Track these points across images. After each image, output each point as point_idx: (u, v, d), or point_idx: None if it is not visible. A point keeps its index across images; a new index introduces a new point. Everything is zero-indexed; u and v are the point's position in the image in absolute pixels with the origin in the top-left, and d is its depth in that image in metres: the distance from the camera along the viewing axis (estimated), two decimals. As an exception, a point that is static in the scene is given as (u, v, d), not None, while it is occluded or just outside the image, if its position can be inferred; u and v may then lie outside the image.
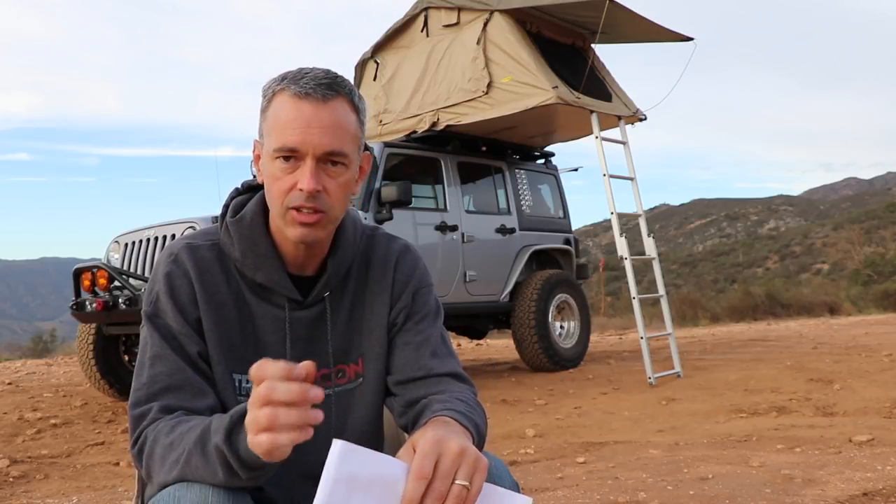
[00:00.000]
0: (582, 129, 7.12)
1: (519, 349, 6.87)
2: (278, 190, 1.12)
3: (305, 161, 1.10)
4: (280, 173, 1.11)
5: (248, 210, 1.21)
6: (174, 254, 1.19)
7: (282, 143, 1.10)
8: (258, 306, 1.19)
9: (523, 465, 3.59)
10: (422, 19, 6.99)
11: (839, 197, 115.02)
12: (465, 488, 0.89)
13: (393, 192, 5.72)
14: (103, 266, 5.28)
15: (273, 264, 1.18)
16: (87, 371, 5.67)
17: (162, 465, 1.02)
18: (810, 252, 57.25)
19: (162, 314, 1.15)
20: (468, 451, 0.91)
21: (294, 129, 1.09)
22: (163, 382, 1.10)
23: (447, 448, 0.90)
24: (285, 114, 1.10)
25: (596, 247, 61.16)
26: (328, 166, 1.12)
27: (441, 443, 0.91)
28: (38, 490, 3.41)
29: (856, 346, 8.04)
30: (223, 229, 1.21)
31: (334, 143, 1.11)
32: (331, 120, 1.11)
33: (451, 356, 1.25)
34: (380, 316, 1.25)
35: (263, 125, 1.15)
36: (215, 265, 1.19)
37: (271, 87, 1.14)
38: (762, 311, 17.77)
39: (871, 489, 2.78)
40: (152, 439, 1.04)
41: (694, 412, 4.86)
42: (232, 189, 1.28)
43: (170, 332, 1.13)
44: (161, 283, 1.16)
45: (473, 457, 0.91)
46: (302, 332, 1.20)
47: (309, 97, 1.10)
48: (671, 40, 7.16)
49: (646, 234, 6.69)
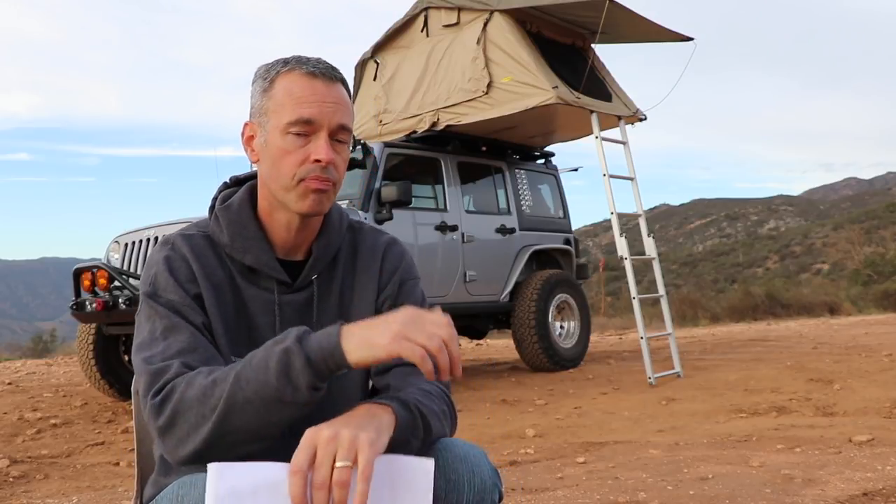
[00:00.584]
0: (582, 129, 7.12)
1: (519, 349, 6.87)
2: (290, 163, 1.16)
3: (319, 134, 1.16)
4: (292, 147, 1.15)
5: (236, 198, 1.25)
6: (169, 241, 1.22)
7: (298, 115, 1.15)
8: (248, 290, 1.21)
9: (523, 465, 3.59)
10: (422, 19, 6.99)
11: (839, 197, 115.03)
12: (346, 469, 0.90)
13: (393, 192, 5.72)
14: (103, 266, 5.28)
15: (261, 246, 1.21)
16: (87, 371, 5.67)
17: (202, 404, 1.01)
18: (810, 252, 57.24)
19: (162, 292, 1.15)
20: (341, 434, 0.92)
21: (311, 103, 1.15)
22: (178, 347, 1.10)
23: (319, 437, 0.92)
24: (299, 89, 1.16)
25: (596, 247, 61.16)
26: (335, 142, 1.18)
27: (314, 434, 0.93)
28: (38, 490, 3.42)
29: (856, 346, 8.04)
30: (213, 218, 1.25)
31: (345, 117, 1.18)
32: (340, 98, 1.18)
33: None
34: (367, 302, 1.28)
35: (267, 104, 1.18)
36: (209, 251, 1.22)
37: (274, 68, 1.19)
38: (762, 311, 17.77)
39: (871, 489, 2.79)
40: (185, 383, 1.03)
41: (694, 412, 4.86)
42: (220, 184, 1.32)
43: (173, 306, 1.14)
44: (160, 265, 1.18)
45: (349, 438, 0.92)
46: (291, 316, 1.22)
47: (322, 76, 1.17)
48: (671, 40, 7.17)
49: (646, 234, 6.69)
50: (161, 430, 1.04)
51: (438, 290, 6.19)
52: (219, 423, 1.00)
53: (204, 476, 0.97)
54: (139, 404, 1.36)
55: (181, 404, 1.02)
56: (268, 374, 0.99)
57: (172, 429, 1.03)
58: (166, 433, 1.04)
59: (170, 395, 1.04)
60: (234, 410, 1.00)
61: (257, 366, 1.01)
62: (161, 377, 1.06)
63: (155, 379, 1.07)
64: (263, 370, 1.00)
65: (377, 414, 1.00)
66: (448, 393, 1.22)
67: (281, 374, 0.99)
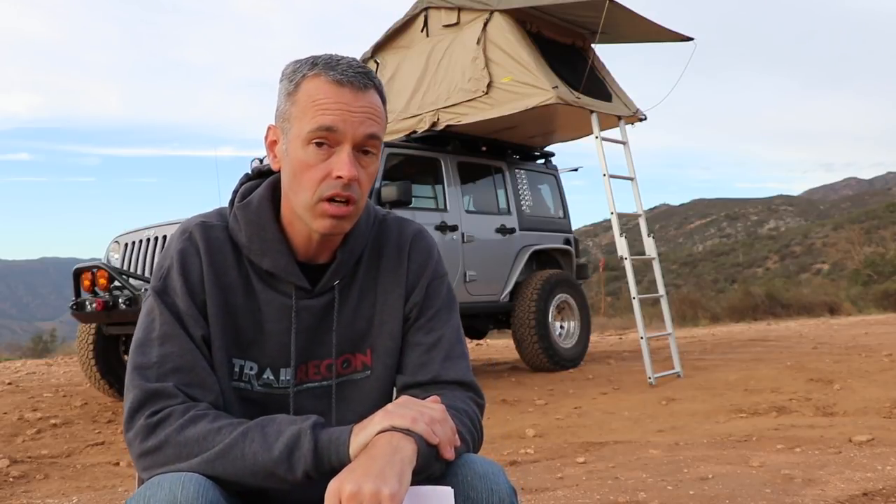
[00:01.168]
0: (582, 129, 7.12)
1: (519, 349, 6.87)
2: (311, 179, 1.10)
3: (342, 147, 1.10)
4: (314, 160, 1.10)
5: (256, 195, 1.20)
6: (188, 230, 1.18)
7: (319, 123, 1.08)
8: (264, 293, 1.18)
9: (523, 465, 3.59)
10: (422, 19, 6.99)
11: (839, 197, 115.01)
12: None
13: (393, 192, 5.72)
14: (103, 266, 5.28)
15: (280, 250, 1.17)
16: (87, 371, 5.67)
17: (198, 445, 1.02)
18: (810, 252, 57.24)
19: (171, 292, 1.14)
20: (363, 491, 0.92)
21: (335, 112, 1.08)
22: (173, 362, 1.09)
23: (342, 492, 0.93)
24: (324, 96, 1.09)
25: (596, 247, 61.16)
26: (361, 155, 1.12)
27: (337, 489, 0.93)
28: (38, 490, 3.41)
29: (856, 346, 8.03)
30: (231, 215, 1.20)
31: (373, 127, 1.11)
32: (370, 107, 1.11)
33: (462, 358, 1.23)
34: (394, 308, 1.23)
35: (291, 109, 1.12)
36: (227, 246, 1.18)
37: (301, 70, 1.12)
38: (762, 311, 17.77)
39: (871, 489, 2.79)
40: (188, 419, 1.04)
41: (694, 412, 4.86)
42: (242, 175, 1.27)
43: (177, 313, 1.12)
44: (174, 260, 1.15)
45: (371, 493, 0.92)
46: (309, 322, 1.19)
47: (350, 84, 1.10)
48: (671, 40, 7.16)
49: (646, 234, 6.69)
50: (144, 451, 1.05)
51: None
52: (205, 464, 1.01)
53: (171, 477, 0.98)
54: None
55: (179, 437, 1.03)
56: (273, 445, 1.01)
57: (157, 453, 1.04)
58: (148, 454, 1.04)
59: (165, 421, 1.05)
60: (225, 460, 1.01)
61: (267, 433, 1.02)
62: (158, 400, 1.06)
63: (151, 399, 1.07)
64: (273, 438, 1.01)
65: (399, 448, 0.98)
66: (479, 408, 1.20)
67: (285, 450, 1.00)
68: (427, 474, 1.03)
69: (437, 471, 1.04)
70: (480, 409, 1.20)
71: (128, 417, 1.07)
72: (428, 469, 1.02)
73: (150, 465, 1.04)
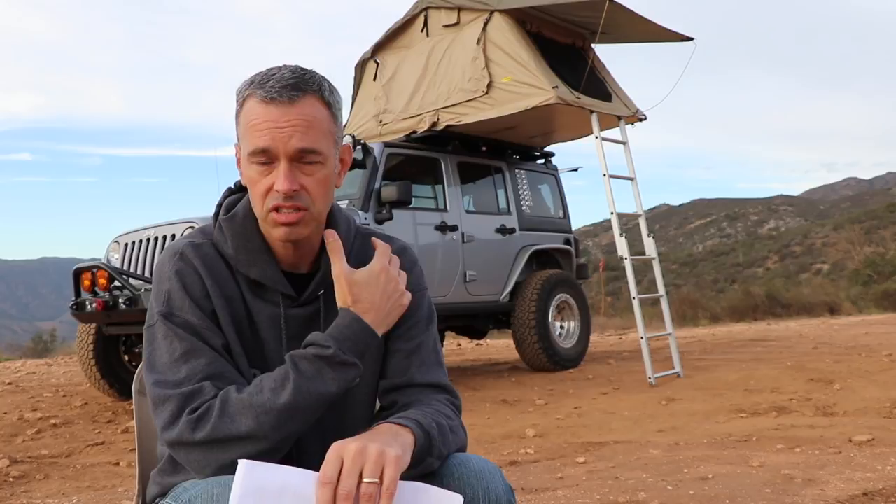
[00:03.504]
0: (582, 129, 7.12)
1: (519, 349, 6.87)
2: (257, 193, 1.14)
3: (280, 162, 1.12)
4: (257, 176, 1.13)
5: (240, 207, 1.22)
6: (179, 251, 1.19)
7: (254, 146, 1.12)
8: (254, 303, 1.20)
9: (523, 465, 3.59)
10: (422, 19, 6.99)
11: (839, 197, 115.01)
12: (373, 484, 0.93)
13: (393, 192, 5.72)
14: (103, 266, 5.28)
15: (265, 259, 1.19)
16: (87, 371, 5.67)
17: (251, 404, 1.06)
18: (810, 252, 57.23)
19: (179, 311, 1.13)
20: (368, 449, 0.94)
21: (263, 132, 1.11)
22: (203, 373, 1.10)
23: (346, 450, 0.95)
24: (255, 116, 1.12)
25: (596, 247, 61.12)
26: (303, 165, 1.13)
27: (341, 447, 0.96)
28: (38, 490, 3.42)
29: (856, 346, 8.03)
30: (216, 228, 1.22)
31: (304, 140, 1.11)
32: (299, 119, 1.11)
33: (438, 365, 1.26)
34: None
35: (238, 129, 1.17)
36: (219, 261, 1.19)
37: (242, 90, 1.15)
38: (762, 311, 17.78)
39: (871, 489, 2.79)
40: (223, 399, 1.06)
41: (694, 412, 4.86)
42: (225, 189, 1.29)
43: (193, 329, 1.12)
44: (172, 282, 1.15)
45: (375, 453, 0.94)
46: (297, 330, 1.20)
47: (276, 101, 1.10)
48: (671, 40, 7.16)
49: (646, 234, 6.69)
50: (198, 442, 1.05)
51: (438, 291, 6.19)
52: (292, 396, 1.07)
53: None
54: (140, 403, 1.35)
55: (224, 414, 1.06)
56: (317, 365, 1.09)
57: (218, 429, 1.05)
58: (203, 445, 1.05)
59: (207, 412, 1.06)
60: (299, 389, 1.07)
61: (301, 369, 1.09)
62: (194, 398, 1.07)
63: (188, 400, 1.07)
64: (311, 369, 1.09)
65: (399, 433, 1.03)
66: (455, 407, 1.23)
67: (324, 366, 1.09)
68: (422, 469, 1.05)
69: (431, 466, 1.07)
70: (457, 408, 1.24)
71: (168, 422, 1.07)
72: (422, 462, 1.05)
73: (206, 452, 1.05)
